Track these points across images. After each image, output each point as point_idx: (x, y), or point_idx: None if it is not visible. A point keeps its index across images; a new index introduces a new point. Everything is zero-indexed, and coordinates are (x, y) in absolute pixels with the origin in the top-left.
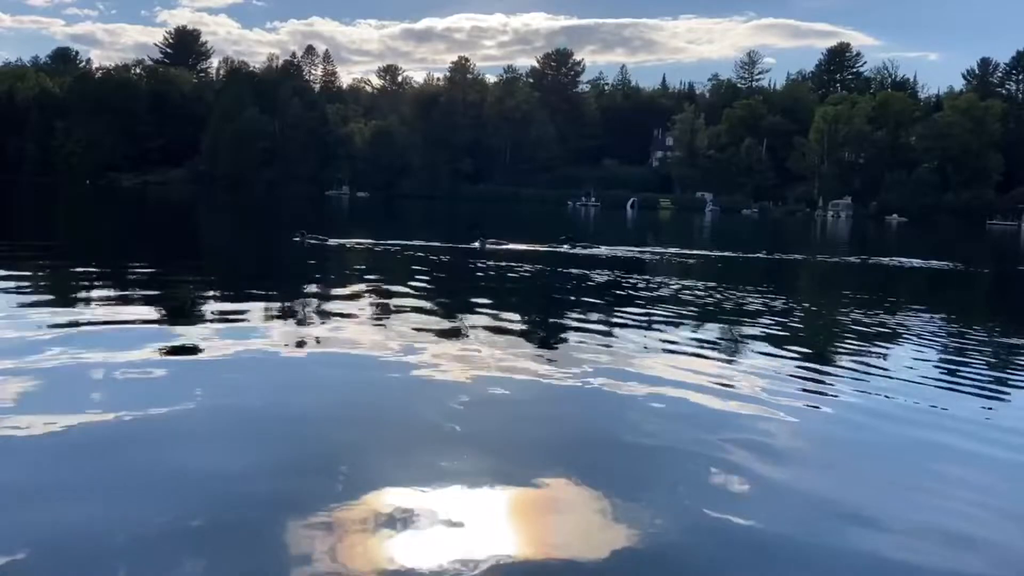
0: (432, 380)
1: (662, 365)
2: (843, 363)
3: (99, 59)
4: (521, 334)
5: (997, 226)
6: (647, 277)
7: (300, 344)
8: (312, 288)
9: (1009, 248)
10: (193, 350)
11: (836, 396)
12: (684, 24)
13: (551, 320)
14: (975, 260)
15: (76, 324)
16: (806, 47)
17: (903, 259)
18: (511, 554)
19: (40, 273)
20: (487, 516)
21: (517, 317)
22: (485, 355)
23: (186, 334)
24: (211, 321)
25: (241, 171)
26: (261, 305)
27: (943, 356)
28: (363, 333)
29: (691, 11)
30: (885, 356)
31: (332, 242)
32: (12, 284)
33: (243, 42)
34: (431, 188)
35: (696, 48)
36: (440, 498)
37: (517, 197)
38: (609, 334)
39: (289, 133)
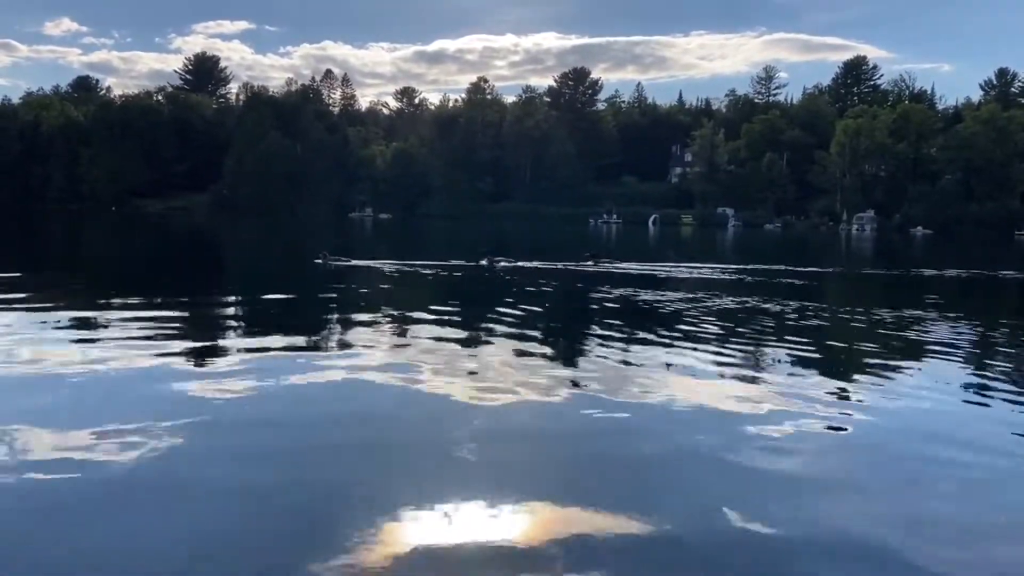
0: (451, 404)
1: (688, 383)
2: (873, 379)
3: (116, 87)
4: (541, 355)
5: None
6: (672, 294)
7: (321, 369)
8: (333, 311)
9: None
10: (212, 379)
11: (864, 414)
12: (696, 40)
13: (572, 339)
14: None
15: (98, 354)
16: (818, 61)
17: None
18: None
19: (67, 303)
20: (506, 538)
21: (537, 337)
22: (505, 377)
23: (206, 363)
24: (232, 349)
25: (265, 195)
26: (282, 330)
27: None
28: (382, 358)
29: (702, 27)
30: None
31: (354, 263)
32: (43, 318)
33: (257, 67)
34: (453, 208)
35: (708, 64)
36: (458, 521)
37: (538, 215)
38: (633, 353)
39: (311, 156)
